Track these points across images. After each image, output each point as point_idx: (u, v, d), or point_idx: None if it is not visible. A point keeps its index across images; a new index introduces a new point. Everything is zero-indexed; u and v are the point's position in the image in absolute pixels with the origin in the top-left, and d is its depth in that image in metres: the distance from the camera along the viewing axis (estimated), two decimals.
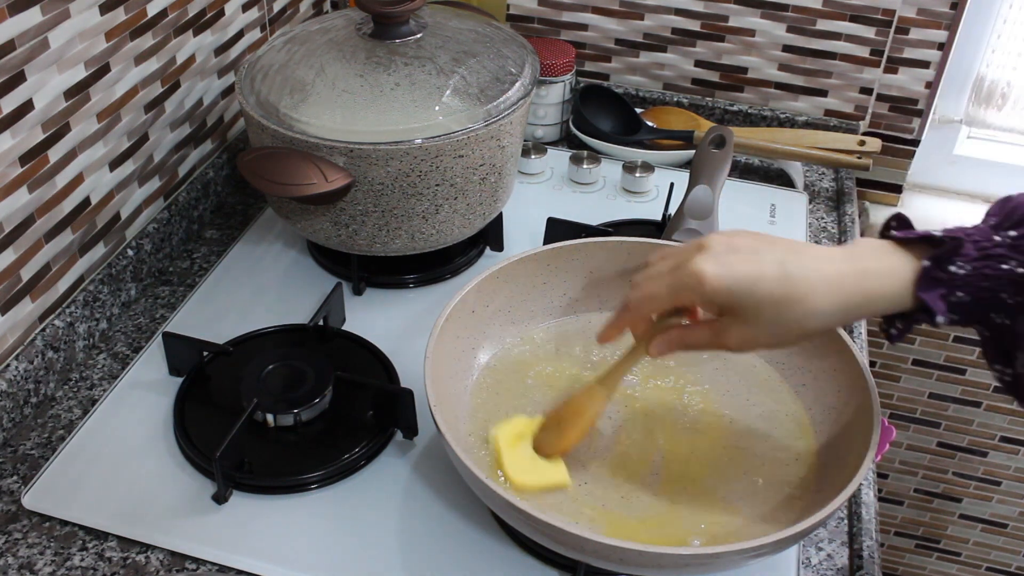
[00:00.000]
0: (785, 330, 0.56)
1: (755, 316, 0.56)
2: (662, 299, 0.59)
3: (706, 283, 0.56)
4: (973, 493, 1.59)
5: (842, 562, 0.70)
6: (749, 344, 0.58)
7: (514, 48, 0.91)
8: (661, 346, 0.62)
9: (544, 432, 0.68)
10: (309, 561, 0.67)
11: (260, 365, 0.77)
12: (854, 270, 0.55)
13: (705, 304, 0.59)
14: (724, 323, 0.59)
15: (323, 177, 0.79)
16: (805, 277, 0.55)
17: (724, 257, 0.56)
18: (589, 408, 0.67)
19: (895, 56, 1.19)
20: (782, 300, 0.55)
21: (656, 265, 0.61)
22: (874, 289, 0.55)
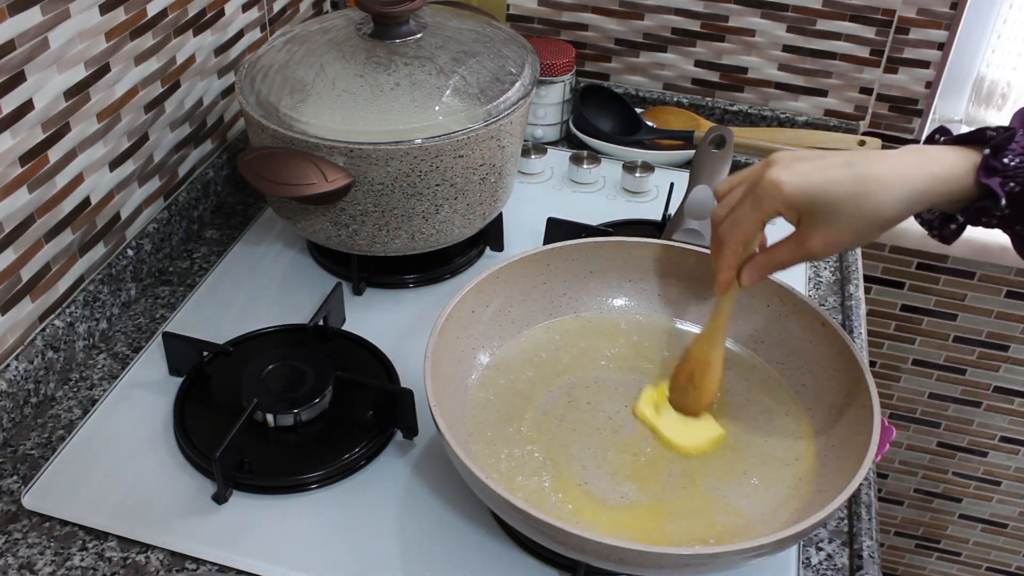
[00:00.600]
0: (864, 223, 0.59)
1: (834, 214, 0.58)
2: (748, 218, 0.62)
3: (784, 188, 0.59)
4: (973, 493, 1.59)
5: (842, 562, 0.70)
6: (832, 244, 0.60)
7: (514, 48, 0.91)
8: (752, 273, 0.66)
9: (680, 393, 0.72)
10: (309, 561, 0.67)
11: (260, 365, 0.77)
12: (918, 160, 0.58)
13: (786, 211, 0.60)
14: (804, 231, 0.61)
15: (323, 177, 0.79)
16: (874, 170, 0.58)
17: (795, 166, 0.60)
18: (712, 356, 0.70)
19: (895, 56, 1.19)
20: (858, 193, 0.58)
21: (729, 196, 0.64)
22: (940, 174, 0.58)
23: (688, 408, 0.71)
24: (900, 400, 1.50)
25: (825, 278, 0.99)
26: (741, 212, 0.62)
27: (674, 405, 0.72)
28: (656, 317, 0.81)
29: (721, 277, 0.67)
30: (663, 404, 0.72)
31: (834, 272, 1.00)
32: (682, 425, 0.71)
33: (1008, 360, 1.41)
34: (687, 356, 0.72)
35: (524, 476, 0.67)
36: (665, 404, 0.72)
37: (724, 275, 0.66)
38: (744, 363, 0.77)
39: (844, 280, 0.98)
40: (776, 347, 0.76)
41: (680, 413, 0.71)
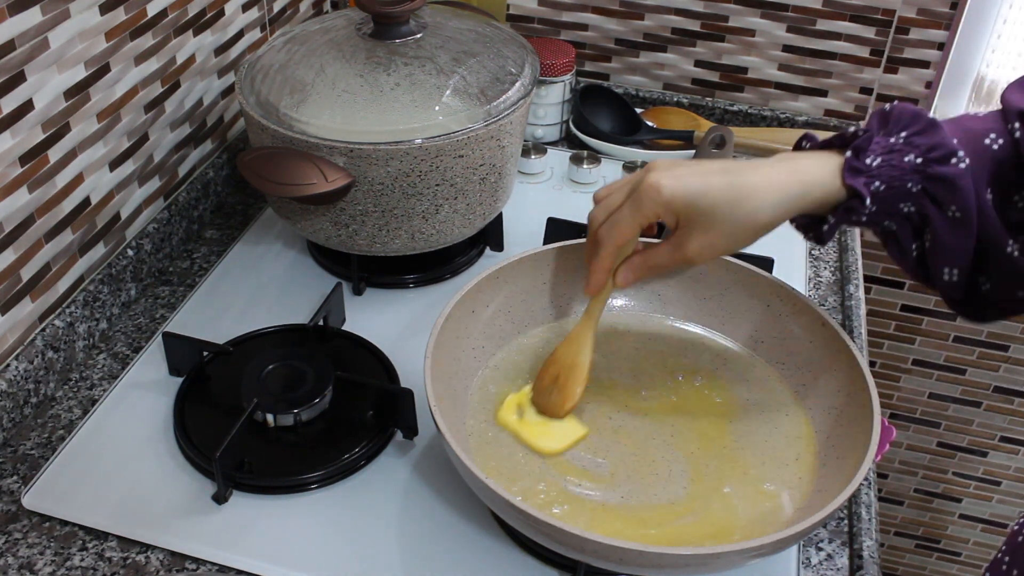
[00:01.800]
0: (739, 228, 0.61)
1: (711, 218, 0.60)
2: (627, 220, 0.63)
3: (663, 191, 0.60)
4: (973, 493, 1.59)
5: (842, 562, 0.70)
6: (708, 248, 0.62)
7: (514, 48, 0.91)
8: (627, 273, 0.67)
9: (544, 395, 0.71)
10: (309, 561, 0.67)
11: (260, 365, 0.77)
12: (788, 168, 0.61)
13: (665, 214, 0.62)
14: (682, 235, 0.62)
15: (323, 177, 0.79)
16: (749, 178, 0.60)
17: (674, 171, 0.61)
18: (579, 359, 0.70)
19: (895, 56, 1.19)
20: (734, 198, 0.60)
21: (608, 199, 0.65)
22: (809, 180, 0.60)
23: (550, 410, 0.70)
24: (900, 400, 1.50)
25: (825, 278, 0.99)
26: (620, 215, 0.63)
27: (537, 408, 0.71)
28: (656, 317, 0.81)
29: (595, 279, 0.67)
30: (526, 407, 0.71)
31: (834, 272, 1.00)
32: (543, 428, 0.70)
33: (1008, 360, 1.41)
34: (553, 358, 0.72)
35: (524, 475, 0.67)
36: (528, 407, 0.71)
37: (598, 277, 0.67)
38: (744, 363, 0.77)
39: (844, 280, 0.98)
40: (776, 347, 0.76)
41: (542, 416, 0.70)
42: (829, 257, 1.02)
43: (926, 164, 0.59)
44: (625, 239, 0.64)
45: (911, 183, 0.59)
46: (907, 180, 0.59)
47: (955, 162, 0.59)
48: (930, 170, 0.59)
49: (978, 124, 0.61)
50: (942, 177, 0.58)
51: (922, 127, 0.60)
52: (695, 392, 0.75)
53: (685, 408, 0.73)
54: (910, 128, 0.60)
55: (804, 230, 0.65)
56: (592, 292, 0.68)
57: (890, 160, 0.59)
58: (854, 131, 0.60)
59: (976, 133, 0.60)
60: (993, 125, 0.61)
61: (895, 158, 0.59)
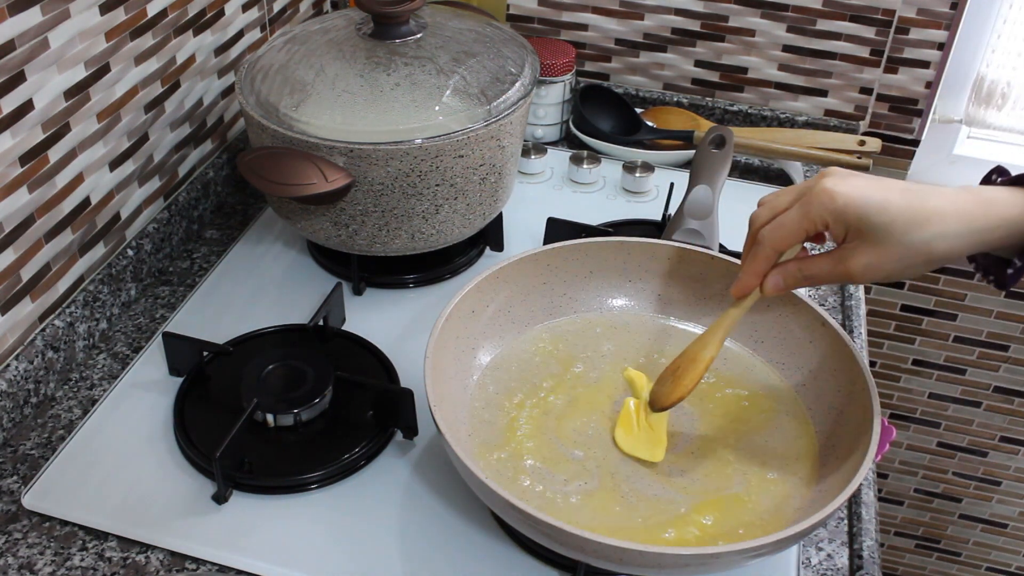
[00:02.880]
0: (913, 252, 0.56)
1: (884, 236, 0.56)
2: (793, 224, 0.59)
3: (838, 197, 0.56)
4: (973, 493, 1.59)
5: (842, 562, 0.70)
6: (874, 270, 0.57)
7: (514, 48, 0.91)
8: (779, 281, 0.62)
9: (660, 384, 0.70)
10: (309, 561, 0.67)
11: (260, 365, 0.77)
12: (978, 199, 0.56)
13: (835, 224, 0.58)
14: (848, 249, 0.58)
15: (323, 177, 0.79)
16: (933, 202, 0.56)
17: (851, 180, 0.57)
18: (702, 355, 0.68)
19: (895, 56, 1.19)
20: (913, 220, 0.55)
21: (775, 199, 0.61)
22: (998, 215, 0.56)
23: (658, 400, 0.69)
24: (900, 400, 1.50)
25: None
26: (787, 217, 0.59)
27: (652, 394, 0.70)
28: (656, 317, 0.81)
29: (745, 281, 0.63)
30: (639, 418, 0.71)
31: None
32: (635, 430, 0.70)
33: (1008, 360, 1.41)
34: (683, 352, 0.70)
35: (524, 476, 0.67)
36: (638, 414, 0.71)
37: (748, 280, 0.63)
38: (744, 363, 0.77)
39: None
40: (776, 347, 0.76)
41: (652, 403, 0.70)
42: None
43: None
44: (788, 244, 0.60)
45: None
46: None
47: None
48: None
49: None
50: None
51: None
52: (695, 392, 0.75)
53: (684, 408, 0.73)
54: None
55: (984, 271, 0.61)
56: (739, 293, 0.64)
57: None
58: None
59: None
60: None
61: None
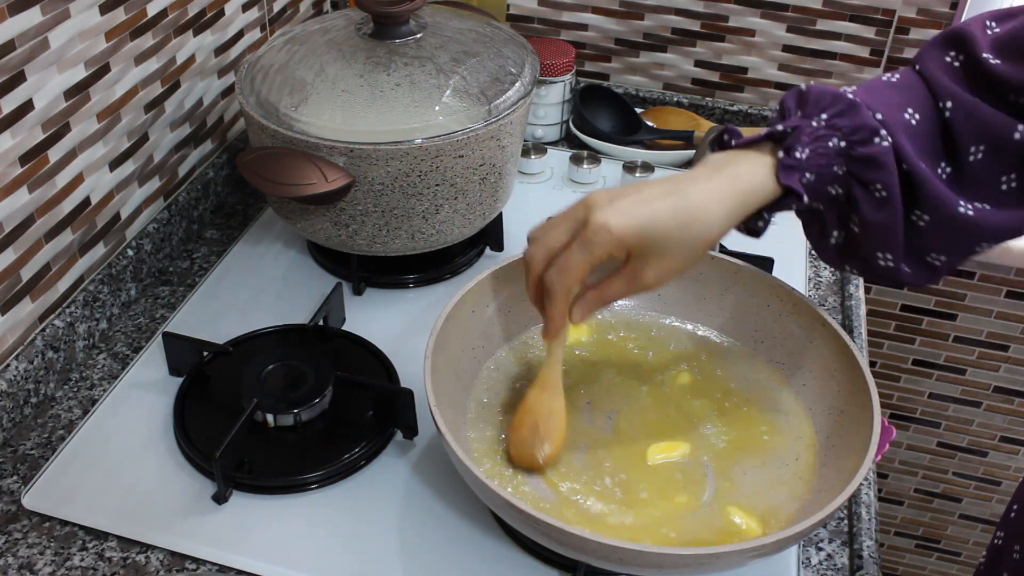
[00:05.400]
0: (692, 249, 0.60)
1: (663, 247, 0.60)
2: (577, 265, 0.60)
3: (614, 230, 0.59)
4: (973, 493, 1.59)
5: (842, 562, 0.70)
6: (665, 275, 0.61)
7: (514, 48, 0.91)
8: (583, 310, 0.64)
9: (524, 447, 0.67)
10: (309, 561, 0.67)
11: (260, 365, 0.77)
12: (727, 178, 0.60)
13: (617, 251, 0.60)
14: (635, 266, 0.61)
15: (323, 177, 0.79)
16: (692, 198, 0.60)
17: (617, 205, 0.59)
18: (555, 404, 0.68)
19: (895, 56, 1.19)
20: (683, 223, 0.59)
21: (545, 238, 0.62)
22: (748, 187, 0.60)
23: (535, 463, 0.67)
24: (900, 400, 1.50)
25: (825, 278, 0.99)
26: (570, 259, 0.60)
27: (519, 462, 0.67)
28: (656, 317, 0.81)
29: (553, 325, 0.64)
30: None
31: (834, 272, 1.00)
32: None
33: (1008, 360, 1.41)
34: (526, 409, 0.68)
35: (524, 476, 0.67)
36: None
37: (556, 322, 0.64)
38: (744, 363, 0.77)
39: (844, 280, 0.98)
40: (776, 347, 0.76)
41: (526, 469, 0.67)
42: None
43: (850, 147, 0.59)
44: (577, 283, 0.61)
45: (836, 166, 0.60)
46: (833, 164, 0.60)
47: (878, 141, 0.59)
48: (854, 152, 0.59)
49: (894, 94, 0.61)
50: (866, 158, 0.59)
51: (843, 108, 0.60)
52: (695, 392, 0.75)
53: (684, 408, 0.73)
54: (830, 110, 0.60)
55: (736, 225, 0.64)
56: (552, 337, 0.66)
57: (816, 148, 0.59)
58: (782, 129, 0.60)
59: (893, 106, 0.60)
60: (910, 97, 0.61)
61: (820, 145, 0.59)
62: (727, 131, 0.64)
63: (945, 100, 0.60)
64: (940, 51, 0.62)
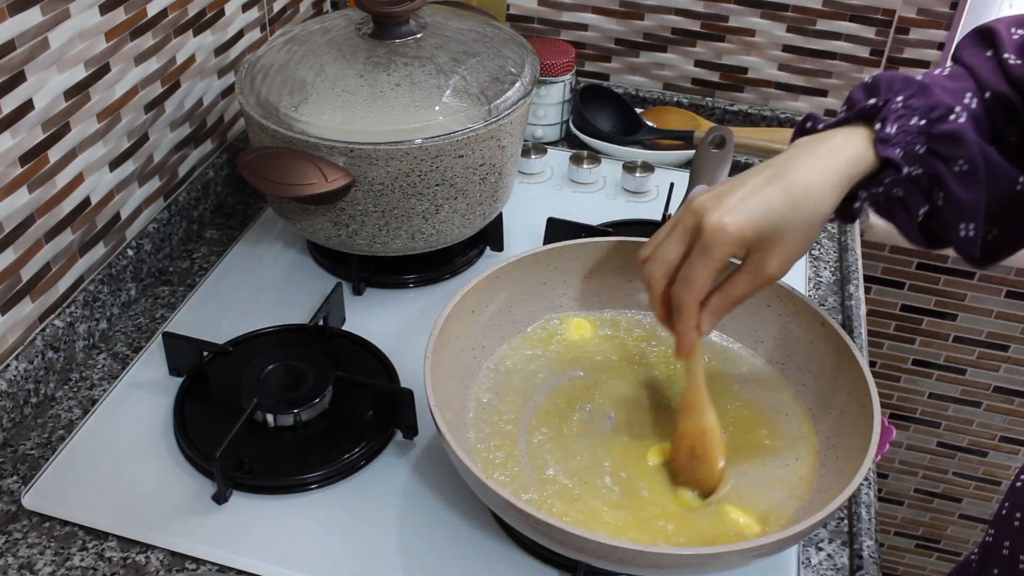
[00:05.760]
0: (810, 227, 0.59)
1: (782, 233, 0.58)
2: (702, 275, 0.59)
3: (731, 229, 0.57)
4: (973, 493, 1.59)
5: (842, 562, 0.70)
6: (788, 262, 0.60)
7: (514, 48, 0.91)
8: (713, 319, 0.62)
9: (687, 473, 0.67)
10: (309, 561, 0.67)
11: (260, 365, 0.77)
12: (827, 150, 0.60)
13: (738, 251, 0.59)
14: (758, 259, 0.60)
15: (323, 177, 0.79)
16: (798, 177, 0.59)
17: (727, 203, 0.58)
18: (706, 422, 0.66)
19: (895, 56, 1.19)
20: (795, 205, 0.58)
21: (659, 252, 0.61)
22: (851, 156, 0.59)
23: (703, 483, 0.66)
24: (900, 400, 1.50)
25: (825, 278, 0.99)
26: (693, 271, 0.59)
27: (686, 486, 0.67)
28: None
29: (687, 341, 0.62)
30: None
31: (834, 272, 1.00)
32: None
33: (1008, 360, 1.41)
34: (680, 435, 0.67)
35: (523, 478, 0.67)
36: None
37: (690, 337, 0.62)
38: (744, 363, 0.77)
39: (844, 280, 0.98)
40: (776, 347, 0.76)
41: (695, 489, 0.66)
42: (829, 257, 1.02)
43: (929, 125, 0.59)
44: (704, 294, 0.60)
45: (918, 145, 0.59)
46: (915, 143, 0.59)
47: (954, 117, 0.59)
48: (934, 130, 0.59)
49: (952, 83, 0.62)
50: (947, 134, 0.59)
51: (915, 90, 0.60)
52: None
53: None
54: (904, 92, 0.60)
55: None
56: (687, 354, 0.63)
57: (902, 126, 0.59)
58: (873, 103, 0.60)
59: (955, 92, 0.61)
60: (966, 84, 0.62)
61: (903, 124, 0.59)
62: (809, 118, 0.64)
63: (986, 91, 0.61)
64: (976, 46, 0.63)
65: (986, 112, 0.62)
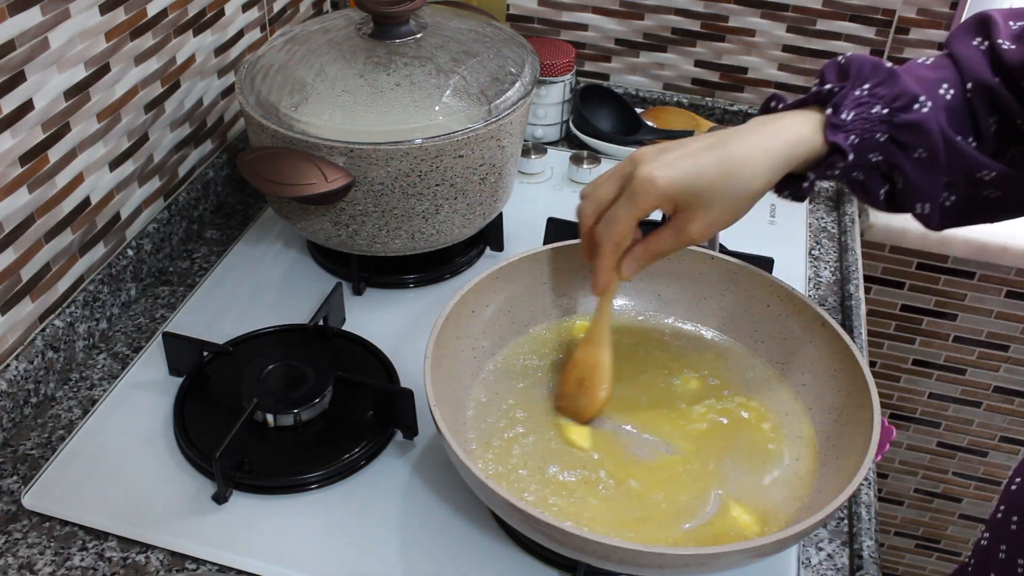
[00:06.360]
0: (737, 200, 0.61)
1: (709, 198, 0.60)
2: (624, 217, 0.62)
3: (658, 181, 0.60)
4: (973, 493, 1.59)
5: (842, 562, 0.70)
6: (711, 227, 0.62)
7: (514, 48, 0.91)
8: (631, 264, 0.66)
9: (570, 399, 0.71)
10: (309, 561, 0.67)
11: (260, 365, 0.77)
12: (772, 131, 0.61)
13: (663, 204, 0.61)
14: (683, 219, 0.62)
15: (323, 177, 0.79)
16: (737, 149, 0.61)
17: (663, 159, 0.61)
18: (601, 357, 0.70)
19: (895, 56, 1.19)
20: (728, 174, 0.60)
21: (596, 194, 0.64)
22: (794, 140, 0.61)
23: (581, 413, 0.70)
24: (900, 400, 1.50)
25: (825, 278, 0.99)
26: (616, 212, 0.62)
27: (565, 413, 0.71)
28: (656, 317, 0.81)
29: (601, 278, 0.66)
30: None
31: (834, 272, 1.00)
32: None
33: (1008, 360, 1.41)
34: (573, 362, 0.71)
35: (524, 479, 0.67)
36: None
37: (604, 276, 0.66)
38: (744, 363, 0.77)
39: (844, 280, 0.98)
40: (776, 347, 0.76)
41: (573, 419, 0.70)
42: (829, 257, 1.02)
43: (892, 114, 0.61)
44: (624, 235, 0.64)
45: (879, 134, 0.61)
46: (875, 131, 0.61)
47: (918, 107, 0.60)
48: (896, 119, 0.61)
49: (930, 72, 0.63)
50: (908, 124, 0.60)
51: (883, 78, 0.61)
52: (695, 392, 0.75)
53: (684, 408, 0.73)
54: (872, 80, 0.61)
55: (778, 189, 0.65)
56: (600, 291, 0.68)
57: (861, 113, 0.60)
58: (829, 88, 0.61)
59: (930, 81, 0.62)
60: (945, 74, 0.63)
61: (864, 111, 0.60)
62: (774, 97, 0.66)
63: (967, 81, 0.62)
64: (969, 35, 0.64)
65: (965, 103, 0.62)
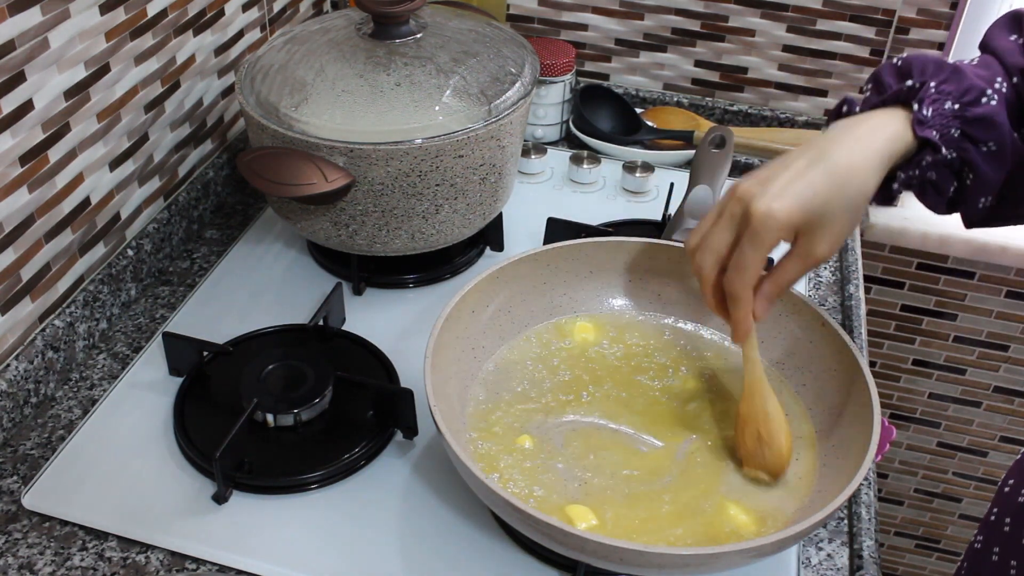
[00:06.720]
0: (855, 207, 0.60)
1: (829, 215, 0.59)
2: (753, 262, 0.60)
3: (779, 215, 0.58)
4: (973, 493, 1.59)
5: (842, 562, 0.70)
6: (836, 242, 0.61)
7: (514, 48, 0.91)
8: (766, 305, 0.64)
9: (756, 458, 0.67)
10: (309, 561, 0.67)
11: (260, 365, 0.77)
12: (867, 130, 0.60)
13: (787, 235, 0.60)
14: (806, 243, 0.60)
15: (323, 177, 0.79)
16: (840, 158, 0.59)
17: (772, 189, 0.59)
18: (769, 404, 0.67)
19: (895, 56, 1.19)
20: (840, 186, 0.59)
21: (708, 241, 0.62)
22: (891, 135, 0.60)
23: (772, 467, 0.66)
24: (900, 400, 1.50)
25: (825, 278, 0.99)
26: (744, 259, 0.60)
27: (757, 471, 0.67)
28: (656, 317, 0.81)
29: (743, 327, 0.64)
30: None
31: (834, 272, 1.00)
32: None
33: (1008, 360, 1.41)
34: (743, 421, 0.68)
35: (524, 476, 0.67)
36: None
37: (746, 324, 0.64)
38: None
39: (844, 280, 0.98)
40: (776, 347, 0.76)
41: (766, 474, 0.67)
42: None
43: (963, 109, 0.60)
44: (755, 279, 0.61)
45: (953, 129, 0.60)
46: (950, 127, 0.60)
47: (986, 100, 0.60)
48: (968, 113, 0.60)
49: (982, 69, 0.63)
50: (979, 118, 0.60)
51: (948, 74, 0.61)
52: (695, 392, 0.75)
53: (684, 408, 0.73)
54: (937, 77, 0.61)
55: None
56: (744, 337, 0.65)
57: (937, 110, 0.60)
58: (910, 85, 0.61)
59: (986, 77, 0.62)
60: (994, 71, 0.63)
61: (939, 107, 0.60)
62: (845, 101, 0.65)
63: (1014, 75, 0.62)
64: (1005, 32, 0.64)
65: (1016, 94, 0.62)
